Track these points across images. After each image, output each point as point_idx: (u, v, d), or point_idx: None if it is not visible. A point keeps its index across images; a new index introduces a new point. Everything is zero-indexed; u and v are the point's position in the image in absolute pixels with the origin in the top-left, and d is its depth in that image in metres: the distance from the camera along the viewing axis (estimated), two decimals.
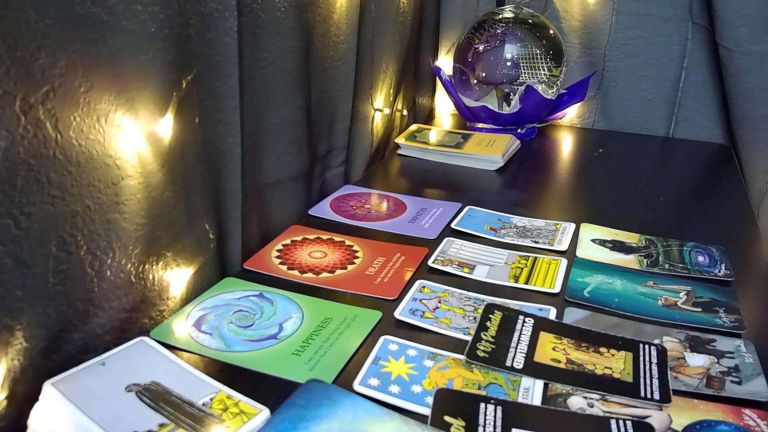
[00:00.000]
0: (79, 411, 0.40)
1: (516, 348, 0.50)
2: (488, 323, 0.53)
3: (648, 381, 0.47)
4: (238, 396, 0.44)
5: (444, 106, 1.32)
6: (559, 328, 0.53)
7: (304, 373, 0.48)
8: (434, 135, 1.04)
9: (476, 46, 1.06)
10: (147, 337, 0.50)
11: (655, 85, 1.12)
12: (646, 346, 0.51)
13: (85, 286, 0.45)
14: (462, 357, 0.49)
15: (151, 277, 0.51)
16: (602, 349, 0.50)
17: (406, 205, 0.80)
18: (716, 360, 0.49)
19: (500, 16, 1.06)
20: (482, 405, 0.43)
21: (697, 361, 0.49)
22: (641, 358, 0.49)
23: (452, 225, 0.74)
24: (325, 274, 0.62)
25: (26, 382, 0.42)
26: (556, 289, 0.60)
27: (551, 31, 1.06)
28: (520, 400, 0.45)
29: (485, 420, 0.42)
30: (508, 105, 1.05)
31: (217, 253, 0.60)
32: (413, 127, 1.08)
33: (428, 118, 1.29)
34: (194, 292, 0.58)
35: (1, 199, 0.38)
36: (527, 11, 1.08)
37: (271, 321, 0.54)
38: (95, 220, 0.45)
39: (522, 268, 0.64)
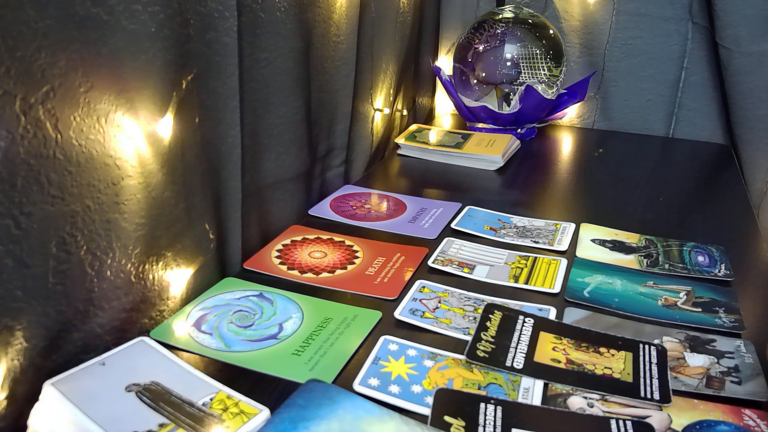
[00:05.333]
0: (79, 411, 0.40)
1: (516, 348, 0.50)
2: (488, 323, 0.53)
3: (648, 381, 0.47)
4: (238, 396, 0.44)
5: (444, 106, 1.32)
6: (559, 328, 0.53)
7: (304, 373, 0.48)
8: (434, 135, 1.04)
9: (476, 46, 1.06)
10: (147, 337, 0.50)
11: (655, 85, 1.12)
12: (646, 346, 0.51)
13: (85, 286, 0.45)
14: (462, 357, 0.49)
15: (151, 277, 0.51)
16: (602, 349, 0.50)
17: (406, 205, 0.80)
18: (716, 360, 0.49)
19: (500, 16, 1.06)
20: (482, 405, 0.43)
21: (697, 361, 0.49)
22: (641, 358, 0.49)
23: (452, 225, 0.74)
24: (325, 274, 0.62)
25: (26, 382, 0.42)
26: (556, 289, 0.60)
27: (551, 31, 1.06)
28: (520, 400, 0.45)
29: (485, 420, 0.42)
30: (508, 105, 1.05)
31: (217, 253, 0.60)
32: (413, 127, 1.08)
33: (428, 118, 1.29)
34: (194, 292, 0.58)
35: (1, 199, 0.38)
36: (527, 11, 1.08)
37: (271, 321, 0.54)
38: (95, 220, 0.45)
39: (522, 268, 0.64)
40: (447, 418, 0.42)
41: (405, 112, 1.13)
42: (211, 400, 0.43)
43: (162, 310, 0.54)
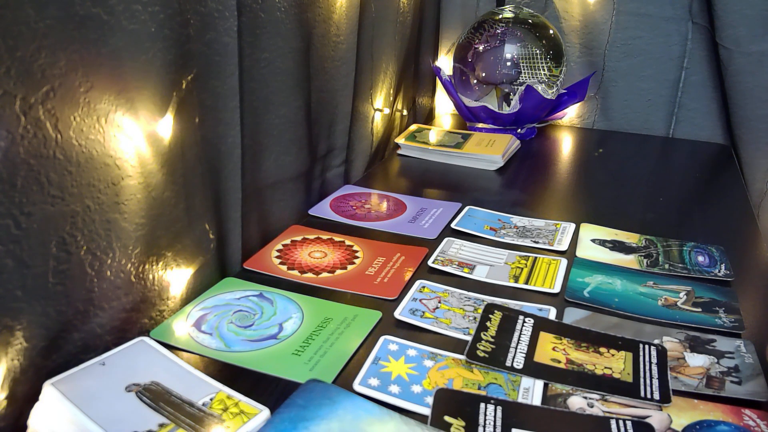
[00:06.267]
0: (79, 411, 0.40)
1: (516, 348, 0.50)
2: (488, 323, 0.53)
3: (648, 381, 0.47)
4: (238, 396, 0.44)
5: (444, 106, 1.32)
6: (559, 328, 0.53)
7: (304, 373, 0.48)
8: (434, 135, 1.04)
9: (476, 46, 1.06)
10: (147, 337, 0.50)
11: (655, 85, 1.12)
12: (646, 346, 0.51)
13: (85, 286, 0.45)
14: (462, 357, 0.49)
15: (151, 277, 0.51)
16: (602, 349, 0.50)
17: (406, 205, 0.80)
18: (716, 360, 0.49)
19: (500, 16, 1.06)
20: (482, 405, 0.43)
21: (697, 361, 0.49)
22: (641, 358, 0.49)
23: (452, 225, 0.74)
24: (325, 274, 0.62)
25: (26, 382, 0.42)
26: (556, 289, 0.60)
27: (551, 31, 1.06)
28: (520, 400, 0.45)
29: (485, 420, 0.42)
30: (508, 105, 1.05)
31: (217, 253, 0.60)
32: (413, 127, 1.08)
33: (428, 118, 1.29)
34: (194, 292, 0.58)
35: (1, 199, 0.38)
36: (527, 11, 1.08)
37: (271, 321, 0.54)
38: (95, 220, 0.45)
39: (522, 268, 0.64)
40: (447, 418, 0.42)
41: (405, 112, 1.13)
42: (211, 400, 0.43)
43: (162, 310, 0.54)
